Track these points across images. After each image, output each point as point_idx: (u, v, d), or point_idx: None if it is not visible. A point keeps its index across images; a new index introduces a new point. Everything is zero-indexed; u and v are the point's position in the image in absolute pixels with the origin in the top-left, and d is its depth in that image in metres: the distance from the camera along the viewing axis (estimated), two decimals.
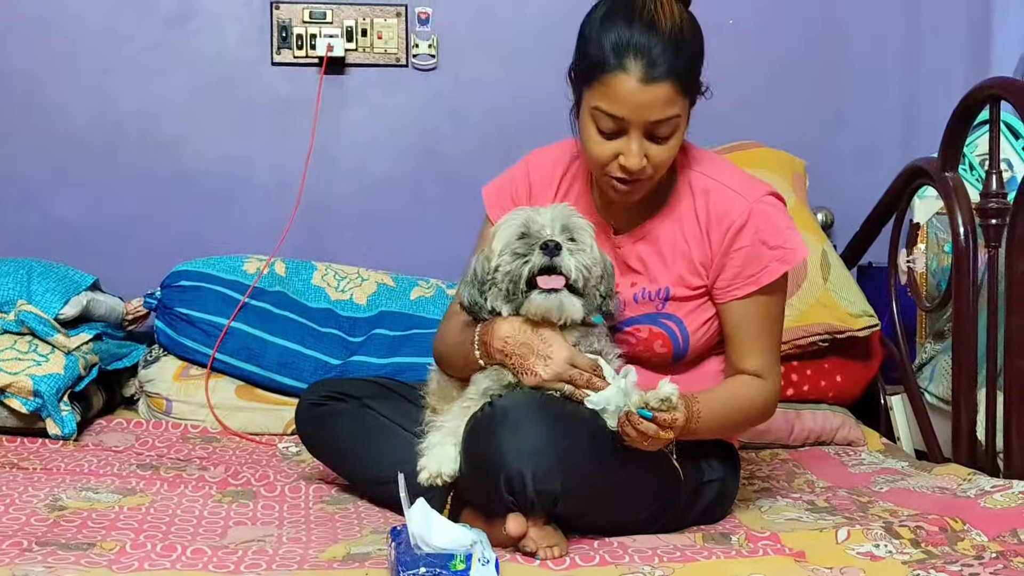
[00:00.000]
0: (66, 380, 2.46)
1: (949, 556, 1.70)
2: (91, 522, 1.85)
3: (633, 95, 1.75)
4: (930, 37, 3.21)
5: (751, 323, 1.90)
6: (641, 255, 1.93)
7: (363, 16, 3.04)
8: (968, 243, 2.37)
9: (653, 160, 1.81)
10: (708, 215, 1.89)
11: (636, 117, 1.77)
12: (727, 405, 1.88)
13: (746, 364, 1.91)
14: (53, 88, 3.02)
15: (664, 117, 1.78)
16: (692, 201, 1.91)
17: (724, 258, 1.88)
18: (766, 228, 1.87)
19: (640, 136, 1.78)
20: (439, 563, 1.50)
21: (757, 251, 1.87)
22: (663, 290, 1.91)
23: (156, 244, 3.00)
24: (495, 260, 1.81)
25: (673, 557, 1.70)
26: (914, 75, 3.21)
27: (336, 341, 2.72)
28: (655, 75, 1.74)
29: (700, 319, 1.92)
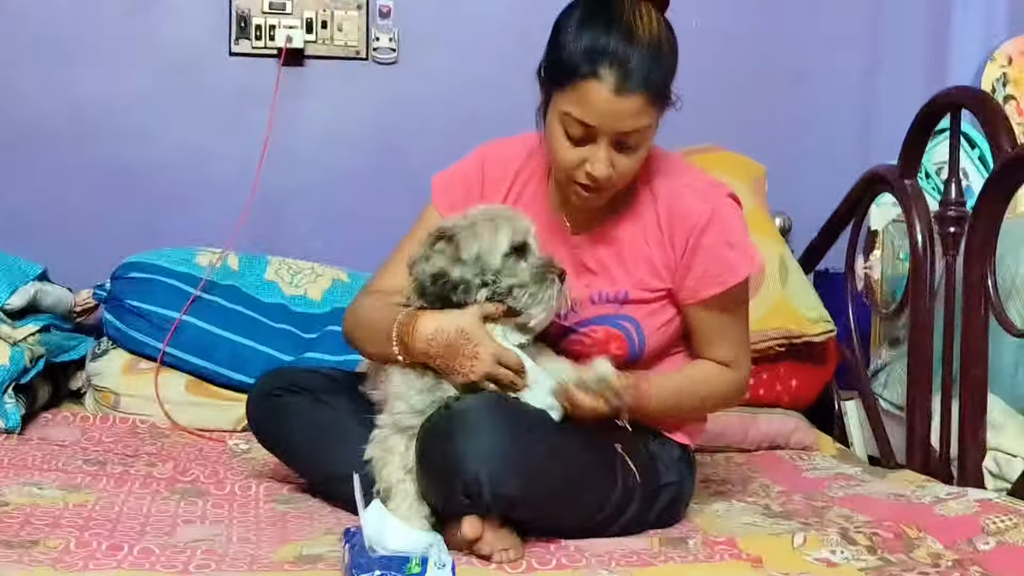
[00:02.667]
0: (11, 372, 2.43)
1: (906, 564, 1.71)
2: (34, 519, 1.82)
3: (605, 104, 1.73)
4: (889, 46, 3.24)
5: (719, 321, 1.92)
6: (600, 257, 1.93)
7: (323, 8, 3.02)
8: (926, 251, 2.40)
9: (619, 169, 1.80)
10: (671, 217, 1.89)
11: (606, 126, 1.75)
12: (683, 389, 1.92)
13: (712, 354, 1.94)
14: (11, 76, 2.97)
15: (634, 128, 1.77)
16: (654, 204, 1.91)
17: (688, 260, 1.88)
18: (729, 229, 1.88)
19: (608, 145, 1.77)
20: (394, 566, 1.49)
21: (721, 252, 1.87)
22: (621, 292, 1.91)
23: (107, 235, 2.96)
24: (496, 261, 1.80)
25: (630, 561, 1.70)
26: (873, 83, 3.24)
27: (289, 337, 2.70)
28: (629, 86, 1.73)
29: (658, 321, 1.92)
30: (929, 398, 2.36)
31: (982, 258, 2.20)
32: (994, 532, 1.77)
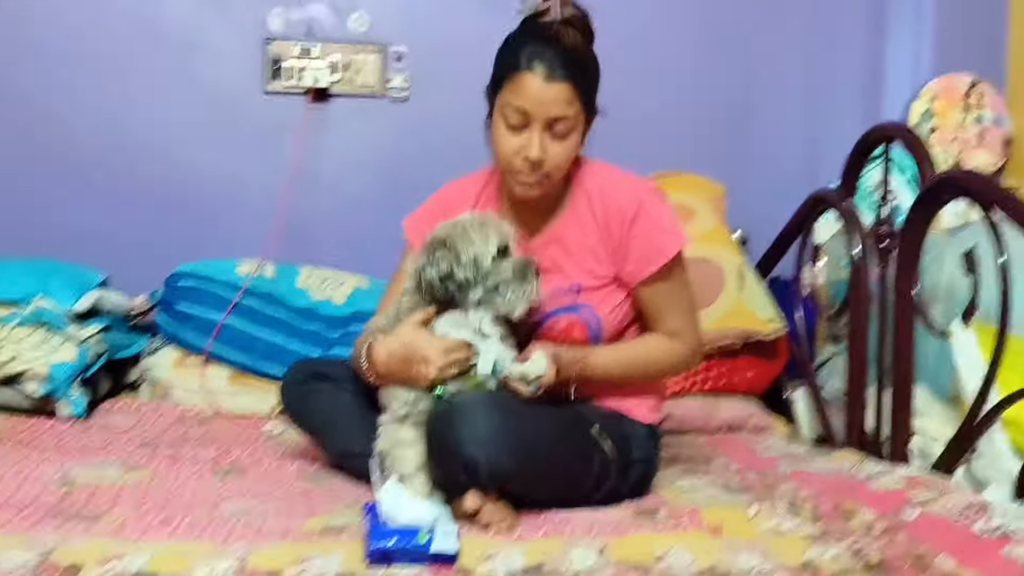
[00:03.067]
0: (77, 367, 2.43)
1: (844, 531, 1.72)
2: (97, 495, 1.82)
3: (537, 91, 1.81)
4: (831, 84, 3.23)
5: (662, 298, 1.93)
6: (552, 256, 1.95)
7: (346, 53, 3.01)
8: (862, 261, 2.40)
9: (551, 156, 1.84)
10: (605, 211, 1.92)
11: (539, 111, 1.82)
12: (628, 359, 1.94)
13: (660, 328, 1.95)
14: (70, 109, 2.96)
15: (562, 114, 1.83)
16: (588, 202, 1.94)
17: (625, 246, 1.91)
18: (654, 215, 1.91)
19: (541, 130, 1.83)
20: (407, 535, 1.50)
21: (651, 236, 1.90)
22: (575, 284, 1.93)
23: (160, 247, 2.94)
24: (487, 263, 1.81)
25: (608, 530, 1.71)
26: (817, 117, 3.23)
27: (317, 336, 2.69)
28: (556, 76, 1.81)
29: (610, 304, 1.94)
30: (864, 388, 2.36)
31: (910, 268, 2.21)
32: (918, 503, 1.77)
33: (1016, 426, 2.01)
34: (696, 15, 3.16)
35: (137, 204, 2.98)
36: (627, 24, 3.12)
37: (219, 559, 1.47)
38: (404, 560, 1.49)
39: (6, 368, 2.37)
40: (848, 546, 1.64)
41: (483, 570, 1.50)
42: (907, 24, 3.25)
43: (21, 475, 1.91)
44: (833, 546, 1.64)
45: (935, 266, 2.39)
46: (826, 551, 1.62)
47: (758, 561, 1.57)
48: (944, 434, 2.15)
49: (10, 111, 2.94)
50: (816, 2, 3.21)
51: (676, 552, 1.59)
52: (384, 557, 1.49)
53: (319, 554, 1.52)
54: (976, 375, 2.05)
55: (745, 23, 3.18)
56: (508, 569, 1.51)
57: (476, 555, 1.54)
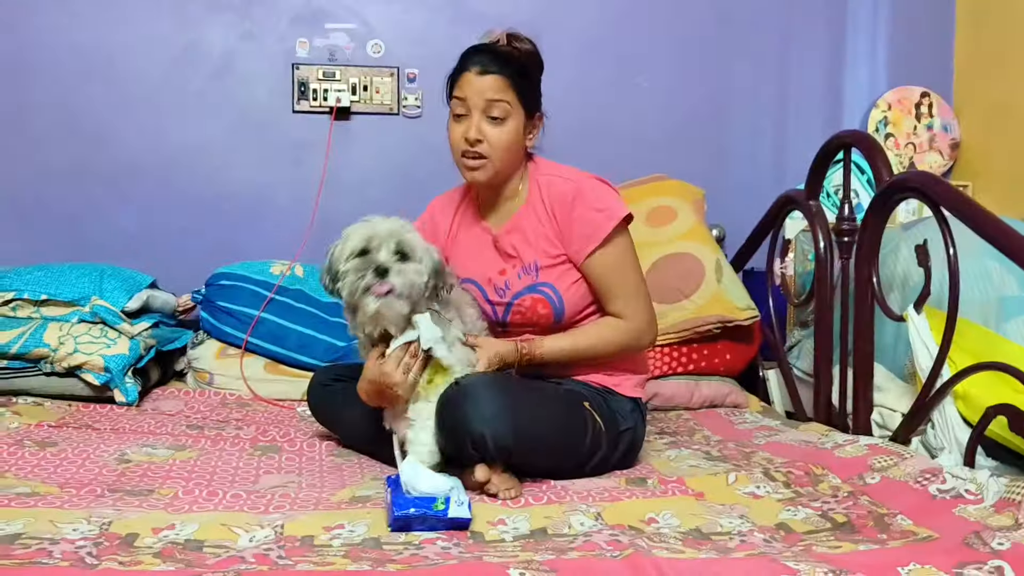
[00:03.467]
0: (130, 359, 2.43)
1: (812, 495, 1.72)
2: (151, 472, 1.83)
3: (472, 82, 1.89)
4: (796, 97, 3.23)
5: (606, 274, 1.92)
6: (513, 243, 1.97)
7: (365, 75, 3.01)
8: (827, 255, 2.40)
9: (490, 140, 1.89)
10: (551, 199, 1.94)
11: (474, 99, 1.89)
12: (574, 341, 1.91)
13: (610, 308, 1.94)
14: (119, 126, 2.96)
15: (495, 99, 1.89)
16: (539, 193, 1.96)
17: (567, 228, 1.91)
18: (591, 197, 1.91)
19: (479, 115, 1.89)
20: (425, 504, 1.51)
21: (588, 215, 1.90)
22: (532, 264, 1.94)
23: (201, 252, 2.95)
24: (341, 266, 1.77)
25: (603, 497, 1.71)
26: (784, 126, 3.23)
27: (343, 328, 2.63)
28: (488, 70, 1.89)
29: (567, 281, 1.94)
30: (830, 367, 2.36)
31: (869, 260, 2.20)
32: (879, 469, 1.78)
33: (965, 399, 2.01)
34: (677, 37, 3.16)
35: (180, 213, 2.99)
36: (615, 44, 3.13)
37: (259, 527, 1.47)
38: (423, 526, 1.49)
39: (68, 360, 2.38)
40: (817, 508, 1.64)
41: (493, 534, 1.50)
42: (864, 42, 3.25)
43: (83, 455, 1.92)
44: (804, 508, 1.64)
45: (891, 258, 2.39)
46: (797, 512, 1.63)
47: (738, 522, 1.57)
48: (902, 407, 2.15)
49: (65, 132, 2.94)
50: (783, 24, 3.21)
51: (665, 515, 1.60)
52: (405, 523, 1.49)
53: (348, 521, 1.52)
54: (929, 355, 2.05)
55: (720, 44, 3.18)
56: (516, 532, 1.51)
57: (487, 520, 1.55)
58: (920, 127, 3.22)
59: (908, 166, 3.20)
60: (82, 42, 2.93)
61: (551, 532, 1.51)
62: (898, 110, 3.21)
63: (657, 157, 3.06)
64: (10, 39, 2.90)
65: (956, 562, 1.33)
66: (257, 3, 3.00)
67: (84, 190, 2.95)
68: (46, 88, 2.92)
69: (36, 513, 1.49)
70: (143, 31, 2.95)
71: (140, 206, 2.97)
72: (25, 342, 2.39)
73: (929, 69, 3.25)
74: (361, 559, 1.35)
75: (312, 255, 2.90)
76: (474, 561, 1.33)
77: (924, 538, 1.48)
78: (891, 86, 3.23)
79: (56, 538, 1.38)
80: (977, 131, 3.20)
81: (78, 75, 2.93)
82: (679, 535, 1.51)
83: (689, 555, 1.39)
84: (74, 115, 2.94)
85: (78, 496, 1.62)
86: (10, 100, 2.91)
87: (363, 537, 1.46)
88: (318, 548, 1.41)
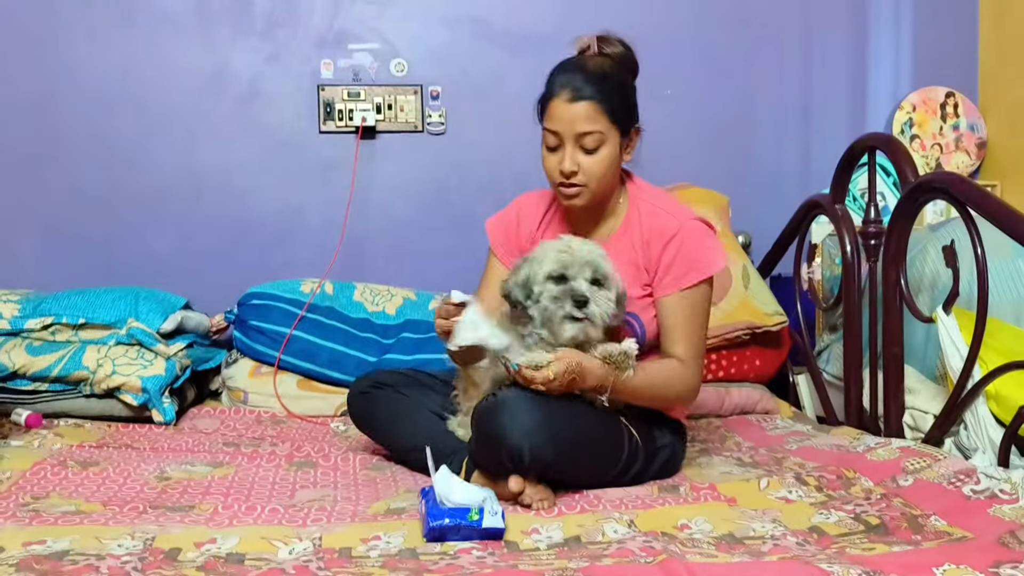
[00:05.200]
0: (166, 379, 2.47)
1: (845, 498, 1.73)
2: (190, 489, 1.86)
3: (563, 112, 1.84)
4: (820, 101, 3.22)
5: (676, 316, 1.89)
6: None
7: (389, 94, 3.05)
8: (854, 258, 2.40)
9: (585, 169, 1.86)
10: (650, 232, 1.92)
11: (567, 129, 1.84)
12: (646, 378, 1.83)
13: (672, 350, 1.90)
14: (151, 150, 3.02)
15: (588, 130, 1.84)
16: (639, 221, 1.94)
17: (658, 262, 1.90)
18: (691, 242, 1.89)
19: (573, 146, 1.85)
20: (459, 514, 1.52)
21: (683, 258, 1.88)
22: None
23: (232, 272, 3.00)
24: (536, 287, 1.78)
25: (636, 505, 1.72)
26: (808, 130, 3.23)
27: (373, 343, 2.73)
28: (579, 96, 1.84)
29: (650, 314, 1.93)
30: (860, 371, 2.36)
31: (896, 262, 2.21)
32: (912, 471, 1.78)
33: (998, 399, 2.00)
34: (700, 45, 3.17)
35: (212, 235, 3.04)
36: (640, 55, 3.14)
37: (298, 540, 1.50)
38: (458, 536, 1.51)
39: (106, 382, 2.43)
40: (850, 511, 1.65)
41: (528, 543, 1.52)
42: (887, 43, 3.24)
43: (124, 474, 1.96)
44: (836, 511, 1.65)
45: (919, 259, 2.39)
46: (830, 516, 1.63)
47: (771, 526, 1.58)
48: (933, 409, 2.15)
49: (98, 159, 3.00)
50: (805, 29, 3.21)
51: (698, 521, 1.61)
52: (441, 534, 1.51)
53: (384, 533, 1.55)
54: (959, 355, 2.05)
55: (742, 50, 3.19)
56: (550, 541, 1.53)
57: (520, 530, 1.57)
58: (946, 127, 3.21)
59: (935, 167, 3.19)
60: (112, 72, 3.00)
61: (585, 540, 1.53)
62: (923, 111, 3.20)
63: (682, 165, 3.07)
64: (43, 70, 2.98)
65: (992, 562, 1.34)
66: (281, 26, 3.05)
67: (117, 215, 3.01)
68: (78, 117, 2.99)
69: (82, 530, 1.53)
70: (172, 59, 3.02)
71: (172, 229, 3.02)
72: (65, 365, 2.44)
73: (953, 69, 3.24)
74: (398, 569, 1.37)
75: (341, 273, 2.95)
76: (509, 570, 1.35)
77: (959, 539, 1.48)
78: (915, 87, 3.22)
79: (102, 554, 1.42)
80: (1004, 130, 3.18)
81: (109, 104, 3.00)
82: (712, 540, 1.52)
83: (722, 559, 1.40)
84: (106, 143, 3.00)
85: (121, 513, 1.66)
86: (44, 129, 2.99)
87: (399, 548, 1.49)
88: (356, 559, 1.43)
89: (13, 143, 2.98)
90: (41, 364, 2.45)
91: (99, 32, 3.00)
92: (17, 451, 2.10)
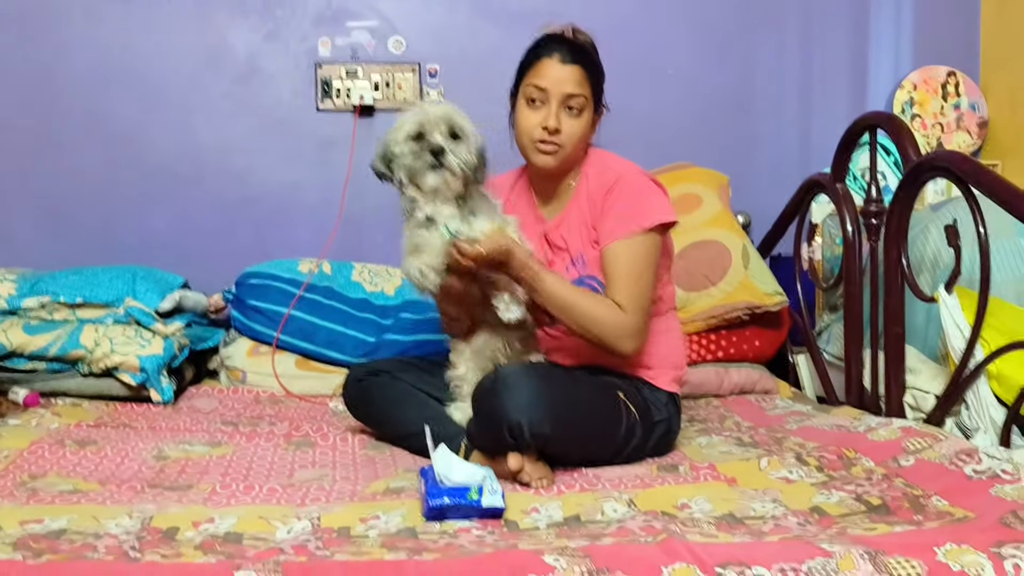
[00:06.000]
0: (164, 358, 2.46)
1: (846, 478, 1.72)
2: (188, 468, 1.85)
3: (555, 71, 1.89)
4: (820, 80, 3.19)
5: (615, 265, 1.87)
6: (563, 235, 1.97)
7: (387, 72, 3.03)
8: (855, 237, 2.39)
9: (567, 130, 1.90)
10: (596, 187, 1.94)
11: (555, 88, 1.89)
12: (575, 296, 1.84)
13: (614, 299, 1.86)
14: (148, 128, 2.99)
15: (576, 92, 1.89)
16: (587, 183, 1.96)
17: (601, 214, 1.91)
18: (631, 191, 1.91)
19: (558, 106, 1.89)
20: (459, 493, 1.52)
21: (622, 207, 1.89)
22: (580, 257, 1.94)
23: (230, 252, 2.97)
24: (397, 148, 1.85)
25: (635, 484, 1.72)
26: (808, 109, 3.20)
27: (371, 323, 2.71)
28: (570, 60, 1.90)
29: None
30: (861, 351, 2.35)
31: (898, 242, 2.19)
32: (913, 451, 1.77)
33: (999, 379, 1.99)
34: (699, 23, 3.14)
35: (209, 214, 3.01)
36: (638, 33, 3.12)
37: (296, 519, 1.50)
38: (458, 515, 1.51)
39: (104, 361, 2.41)
40: (851, 491, 1.64)
41: (527, 522, 1.51)
42: (888, 22, 3.21)
43: (122, 453, 1.95)
44: (837, 492, 1.64)
45: (920, 239, 2.38)
46: (831, 496, 1.62)
47: (771, 506, 1.57)
48: (935, 389, 2.14)
49: (95, 138, 2.97)
50: (805, 7, 3.18)
51: (698, 501, 1.60)
52: (440, 513, 1.51)
53: (383, 512, 1.54)
54: (961, 335, 2.03)
55: (742, 29, 3.16)
56: (549, 520, 1.52)
57: (520, 509, 1.56)
58: (947, 107, 3.18)
59: (936, 147, 3.17)
60: (110, 50, 2.97)
61: (584, 519, 1.52)
62: (924, 90, 3.17)
63: (682, 144, 3.05)
64: (40, 49, 2.94)
65: (994, 541, 1.33)
66: (279, 4, 3.02)
67: (115, 194, 2.98)
68: (75, 96, 2.96)
69: (79, 509, 1.53)
70: (169, 37, 2.98)
71: (170, 208, 3.00)
72: (62, 344, 2.43)
73: (955, 48, 3.21)
74: (398, 549, 1.36)
75: (339, 252, 2.93)
76: (509, 549, 1.34)
77: (960, 518, 1.47)
78: (916, 66, 3.19)
79: (100, 533, 1.41)
80: (1005, 109, 3.16)
81: (106, 82, 2.97)
82: (712, 520, 1.51)
83: (723, 539, 1.39)
84: (103, 121, 2.97)
85: (119, 492, 1.65)
86: (41, 108, 2.95)
87: (399, 527, 1.48)
88: (355, 539, 1.43)
89: (10, 121, 2.95)
90: (38, 343, 2.43)
91: (96, 10, 2.96)
92: (15, 430, 2.09)
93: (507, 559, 1.27)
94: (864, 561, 1.27)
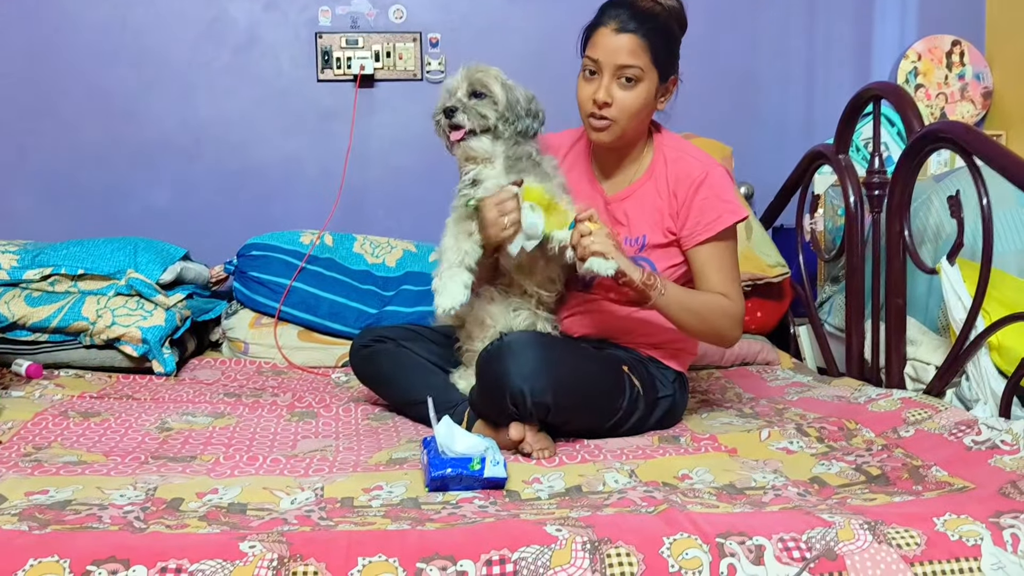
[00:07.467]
0: (166, 330, 2.46)
1: (846, 449, 1.73)
2: (191, 440, 1.86)
3: (608, 41, 1.80)
4: (823, 49, 3.17)
5: (713, 262, 1.86)
6: (626, 211, 1.92)
7: (387, 42, 3.00)
8: (857, 209, 2.38)
9: (618, 102, 1.81)
10: (676, 176, 1.89)
11: (608, 59, 1.80)
12: (695, 297, 1.84)
13: (715, 290, 1.86)
14: (148, 100, 2.98)
15: (628, 63, 1.80)
16: (664, 168, 1.91)
17: (687, 209, 1.87)
18: (719, 186, 1.87)
19: (610, 78, 1.81)
20: (461, 464, 1.52)
21: (712, 203, 1.86)
22: (641, 238, 1.90)
23: (232, 223, 2.97)
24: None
25: (637, 455, 1.72)
26: (812, 79, 3.18)
27: (373, 295, 2.71)
28: (624, 28, 1.80)
29: (668, 262, 1.90)
30: (862, 322, 2.35)
31: (900, 213, 2.18)
32: (913, 422, 1.78)
33: (1000, 350, 1.99)
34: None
35: (211, 186, 3.00)
36: None
37: (300, 490, 1.50)
38: (460, 486, 1.51)
39: (106, 332, 2.42)
40: (851, 462, 1.64)
41: (529, 492, 1.52)
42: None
43: (125, 424, 1.96)
44: (838, 462, 1.65)
45: (923, 210, 2.36)
46: (831, 466, 1.63)
47: (771, 477, 1.58)
48: (935, 360, 2.14)
49: (95, 111, 2.96)
50: None
51: (698, 471, 1.61)
52: (442, 484, 1.51)
53: (386, 483, 1.55)
54: (963, 306, 2.03)
55: (747, 0, 3.12)
56: (551, 491, 1.53)
57: (522, 479, 1.57)
58: (952, 76, 3.16)
59: (939, 117, 3.15)
60: (108, 22, 2.94)
61: (586, 490, 1.53)
62: (928, 60, 3.15)
63: (685, 115, 2.96)
64: (38, 22, 2.92)
65: (992, 511, 1.33)
66: None
67: (115, 167, 2.97)
68: (75, 69, 2.94)
69: (84, 480, 1.53)
70: (168, 8, 2.96)
71: (171, 180, 2.99)
72: (64, 316, 2.43)
73: (960, 17, 3.18)
74: (400, 519, 1.37)
75: (341, 224, 2.92)
76: (511, 519, 1.35)
77: (959, 488, 1.48)
78: (921, 35, 3.17)
79: (104, 503, 1.42)
80: (1010, 79, 3.13)
81: (106, 55, 2.95)
82: (713, 490, 1.52)
83: (723, 509, 1.39)
84: (103, 94, 2.96)
85: (123, 463, 1.66)
86: (40, 81, 2.94)
87: (401, 498, 1.49)
88: (358, 509, 1.43)
89: (10, 95, 2.93)
90: (40, 315, 2.43)
91: None
92: (18, 402, 2.10)
93: (509, 529, 1.28)
94: (864, 531, 1.28)
